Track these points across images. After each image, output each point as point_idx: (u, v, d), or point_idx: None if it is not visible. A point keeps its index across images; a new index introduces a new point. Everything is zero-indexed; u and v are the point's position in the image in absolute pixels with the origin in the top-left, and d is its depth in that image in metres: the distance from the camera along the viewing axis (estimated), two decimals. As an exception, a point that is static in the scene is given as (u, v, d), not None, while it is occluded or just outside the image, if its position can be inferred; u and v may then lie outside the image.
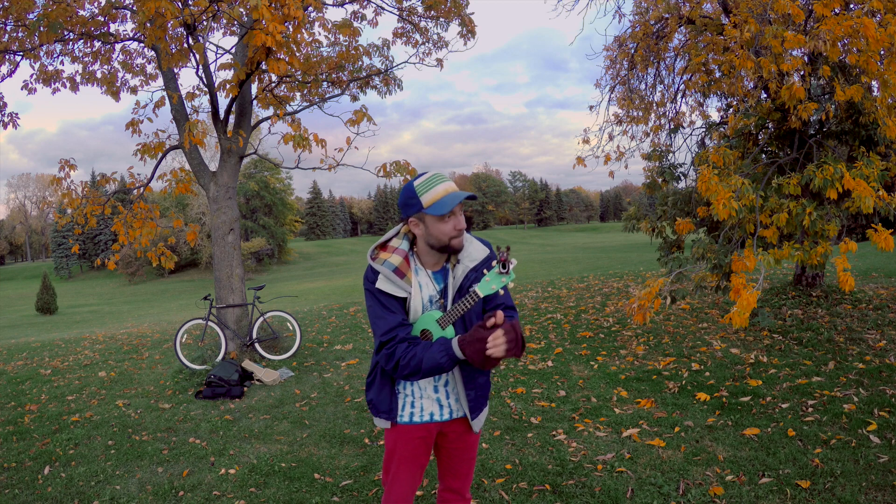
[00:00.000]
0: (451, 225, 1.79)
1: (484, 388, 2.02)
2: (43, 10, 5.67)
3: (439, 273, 1.92)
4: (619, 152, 7.61)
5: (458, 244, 1.82)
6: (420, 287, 1.88)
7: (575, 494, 3.01)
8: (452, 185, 1.80)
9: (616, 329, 6.78)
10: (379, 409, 1.97)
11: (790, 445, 3.36)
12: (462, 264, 1.88)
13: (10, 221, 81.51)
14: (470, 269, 1.87)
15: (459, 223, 1.80)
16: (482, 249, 1.91)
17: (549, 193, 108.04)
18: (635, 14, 7.98)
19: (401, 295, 1.84)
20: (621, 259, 19.92)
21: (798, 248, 4.87)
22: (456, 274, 1.88)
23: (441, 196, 1.76)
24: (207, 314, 6.61)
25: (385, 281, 1.84)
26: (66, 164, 6.90)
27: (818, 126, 6.08)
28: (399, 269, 1.84)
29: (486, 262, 1.88)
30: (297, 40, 5.28)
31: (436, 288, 1.90)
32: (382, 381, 1.96)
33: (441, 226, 1.79)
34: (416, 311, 1.86)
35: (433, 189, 1.77)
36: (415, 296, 1.85)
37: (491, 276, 1.75)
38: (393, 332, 1.80)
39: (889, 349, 5.06)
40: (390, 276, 1.82)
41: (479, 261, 1.88)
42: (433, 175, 1.80)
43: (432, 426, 1.99)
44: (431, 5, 7.63)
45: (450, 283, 1.89)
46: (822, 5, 4.40)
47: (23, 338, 11.99)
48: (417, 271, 1.89)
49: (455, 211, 1.80)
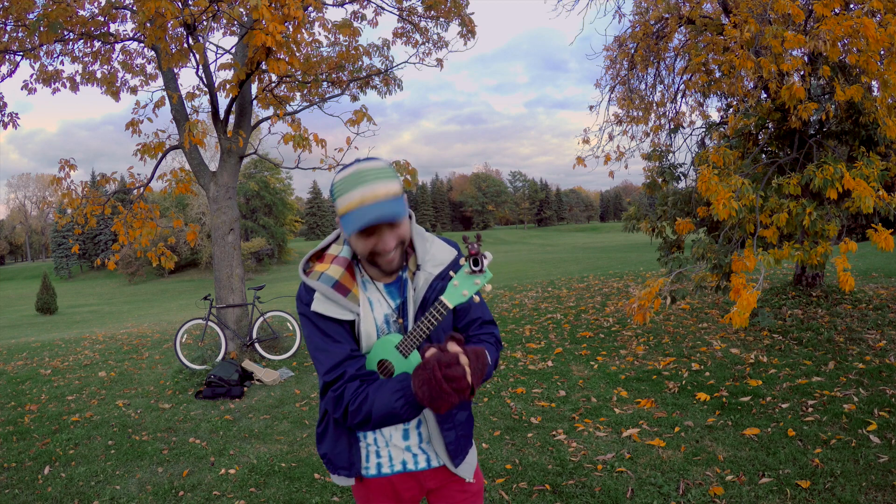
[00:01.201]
0: (369, 244, 1.35)
1: (466, 425, 1.56)
2: (43, 10, 5.67)
3: (394, 285, 1.47)
4: (619, 152, 7.61)
5: (385, 264, 1.38)
6: (371, 305, 1.45)
7: (575, 494, 3.01)
8: (372, 192, 1.29)
9: (616, 329, 6.78)
10: (336, 464, 1.53)
11: (790, 445, 3.36)
12: (423, 271, 1.45)
13: (10, 221, 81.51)
14: (434, 278, 1.44)
15: (383, 244, 1.34)
16: (448, 251, 1.49)
17: (549, 193, 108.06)
18: (635, 14, 7.98)
19: (346, 318, 1.41)
20: (621, 259, 19.92)
21: (798, 248, 4.87)
22: (417, 284, 1.44)
23: (353, 207, 1.30)
24: (207, 314, 6.61)
25: (323, 301, 1.40)
26: (66, 164, 6.90)
27: (818, 126, 6.08)
28: (341, 284, 1.41)
29: (454, 266, 1.47)
30: (297, 40, 5.28)
31: (391, 305, 1.46)
32: (337, 431, 1.52)
33: (357, 242, 1.35)
34: (369, 336, 1.44)
35: (347, 194, 1.31)
36: (364, 317, 1.43)
37: (460, 279, 1.32)
38: (339, 369, 1.38)
39: (889, 349, 5.06)
40: (329, 293, 1.39)
41: (445, 265, 1.46)
42: (354, 172, 1.32)
43: (409, 477, 1.54)
44: (431, 5, 7.63)
45: (409, 297, 1.45)
46: (822, 5, 4.40)
47: (23, 338, 11.99)
48: (365, 285, 1.46)
49: (374, 230, 1.33)
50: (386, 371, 1.43)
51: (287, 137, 5.99)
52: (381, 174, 1.32)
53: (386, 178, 1.33)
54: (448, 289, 1.34)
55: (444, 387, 1.19)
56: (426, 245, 1.49)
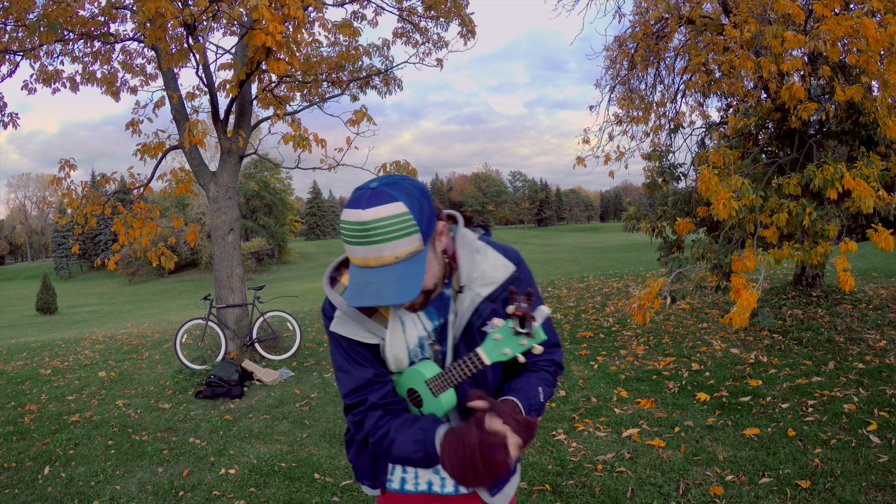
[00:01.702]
0: None
1: None
2: (43, 10, 5.67)
3: (434, 303, 1.25)
4: (619, 152, 7.61)
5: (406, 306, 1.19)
6: (403, 325, 1.25)
7: (575, 494, 3.01)
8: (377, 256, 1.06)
9: (616, 329, 6.78)
10: (360, 473, 1.44)
11: (790, 445, 3.36)
12: (469, 291, 1.21)
13: (10, 221, 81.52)
14: (483, 300, 1.22)
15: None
16: (502, 266, 1.24)
17: (549, 193, 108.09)
18: (635, 14, 7.98)
19: (369, 341, 1.24)
20: (621, 259, 19.92)
21: (798, 248, 4.87)
22: (460, 307, 1.22)
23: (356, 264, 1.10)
24: (207, 314, 6.61)
25: (344, 322, 1.22)
26: (66, 164, 6.90)
27: (818, 126, 6.08)
28: None
29: (508, 286, 1.23)
30: (297, 40, 5.28)
31: (428, 326, 1.25)
32: (361, 444, 1.39)
33: None
34: (399, 361, 1.26)
35: (350, 246, 1.08)
36: (394, 340, 1.24)
37: (503, 334, 1.10)
38: (360, 394, 1.24)
39: (889, 349, 5.06)
40: (351, 313, 1.21)
41: (497, 284, 1.22)
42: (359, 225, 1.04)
43: (433, 498, 1.38)
44: (431, 5, 7.63)
45: (450, 320, 1.24)
46: (822, 5, 4.40)
47: (23, 338, 11.99)
48: None
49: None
50: (416, 401, 1.27)
51: (287, 137, 5.99)
52: (395, 229, 1.03)
53: (399, 235, 1.04)
54: (487, 341, 1.13)
55: (479, 469, 1.05)
56: (474, 259, 1.22)
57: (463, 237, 1.24)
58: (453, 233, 1.27)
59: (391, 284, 1.05)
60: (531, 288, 1.18)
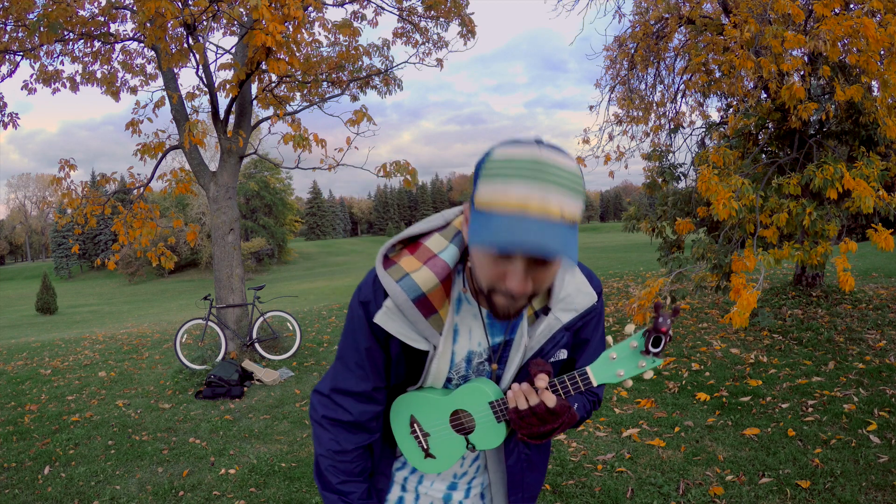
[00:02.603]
0: (496, 271, 0.91)
1: (534, 486, 1.25)
2: (43, 10, 5.67)
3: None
4: (619, 152, 7.61)
5: (502, 308, 0.94)
6: (456, 333, 1.07)
7: (575, 494, 3.01)
8: (545, 202, 0.82)
9: (616, 329, 6.78)
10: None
11: (790, 445, 3.36)
12: (551, 315, 1.05)
13: (10, 221, 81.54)
14: (561, 327, 1.06)
15: (517, 283, 0.89)
16: (588, 293, 1.07)
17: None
18: (635, 14, 7.98)
19: (417, 346, 1.03)
20: (621, 259, 19.92)
21: (798, 248, 4.87)
22: (536, 330, 1.05)
23: (506, 209, 0.83)
24: (207, 314, 6.61)
25: (393, 316, 1.01)
26: (66, 164, 6.90)
27: (818, 126, 6.08)
28: (427, 300, 1.00)
29: (589, 313, 1.09)
30: (297, 40, 5.28)
31: (487, 342, 1.07)
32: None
33: (481, 261, 0.92)
34: (437, 376, 1.09)
35: (507, 182, 0.84)
36: (443, 351, 1.06)
37: (621, 353, 0.97)
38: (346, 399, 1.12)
39: (889, 349, 5.06)
40: (407, 308, 0.99)
41: (579, 312, 1.07)
42: (533, 157, 0.83)
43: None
44: (431, 5, 7.63)
45: (518, 342, 1.06)
46: (822, 5, 4.40)
47: (23, 338, 11.99)
48: (460, 304, 1.06)
49: (513, 256, 0.88)
50: (460, 426, 1.09)
51: (287, 137, 5.99)
52: (570, 181, 0.84)
53: (573, 190, 0.85)
54: (601, 360, 0.99)
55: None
56: (564, 278, 1.05)
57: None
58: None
59: (556, 236, 0.81)
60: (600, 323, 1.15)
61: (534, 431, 1.02)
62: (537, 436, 1.03)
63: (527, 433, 1.02)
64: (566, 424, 1.03)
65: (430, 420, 1.12)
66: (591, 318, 1.11)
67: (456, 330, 1.07)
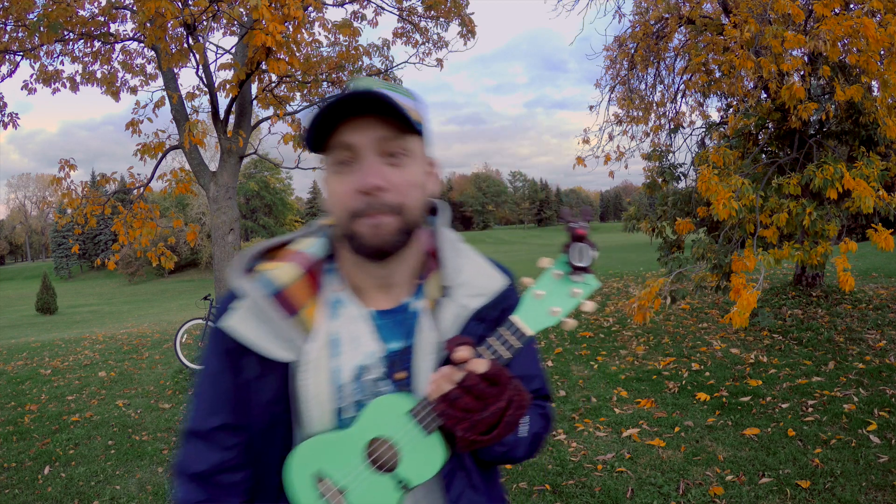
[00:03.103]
0: (348, 179, 0.79)
1: None
2: (43, 11, 5.67)
3: (395, 316, 0.88)
4: (619, 152, 7.62)
5: (368, 233, 0.79)
6: (336, 346, 0.85)
7: (575, 494, 3.01)
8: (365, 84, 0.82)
9: (616, 329, 6.78)
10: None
11: (790, 445, 3.36)
12: (454, 301, 0.86)
13: (10, 221, 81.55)
14: (472, 316, 0.86)
15: (368, 172, 0.78)
16: (493, 276, 0.90)
17: (549, 193, 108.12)
18: (635, 14, 7.99)
19: (276, 355, 0.82)
20: (621, 259, 19.92)
21: (798, 248, 4.87)
22: (442, 319, 0.86)
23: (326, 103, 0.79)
24: (207, 314, 6.62)
25: (246, 317, 0.82)
26: (66, 164, 6.90)
27: (818, 126, 6.09)
28: (285, 296, 0.83)
29: (506, 300, 0.89)
30: (297, 40, 5.28)
31: (381, 349, 0.86)
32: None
33: (331, 186, 0.83)
34: (319, 403, 0.83)
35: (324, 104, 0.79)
36: (316, 365, 0.82)
37: (547, 286, 0.79)
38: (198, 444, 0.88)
39: (889, 349, 5.06)
40: (263, 304, 0.82)
41: (490, 296, 0.88)
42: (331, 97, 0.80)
43: None
44: (431, 5, 7.63)
45: (421, 341, 0.85)
46: (822, 5, 4.40)
47: (23, 338, 11.99)
48: (337, 307, 0.87)
49: (356, 144, 0.79)
50: (382, 463, 0.81)
51: (287, 137, 5.99)
52: (389, 86, 0.83)
53: (397, 91, 0.83)
54: (525, 303, 0.79)
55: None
56: (459, 260, 0.89)
57: (447, 233, 0.93)
58: (432, 227, 0.95)
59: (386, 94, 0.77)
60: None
61: (476, 422, 0.76)
62: (485, 431, 0.78)
63: (468, 431, 0.76)
64: (517, 404, 0.78)
65: (340, 469, 0.81)
66: (509, 308, 0.85)
67: (336, 341, 0.85)
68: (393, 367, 0.86)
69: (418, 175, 0.84)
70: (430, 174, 0.90)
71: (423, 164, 0.86)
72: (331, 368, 0.84)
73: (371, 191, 0.78)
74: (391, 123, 0.80)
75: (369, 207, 0.79)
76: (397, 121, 0.79)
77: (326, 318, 0.86)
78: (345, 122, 0.81)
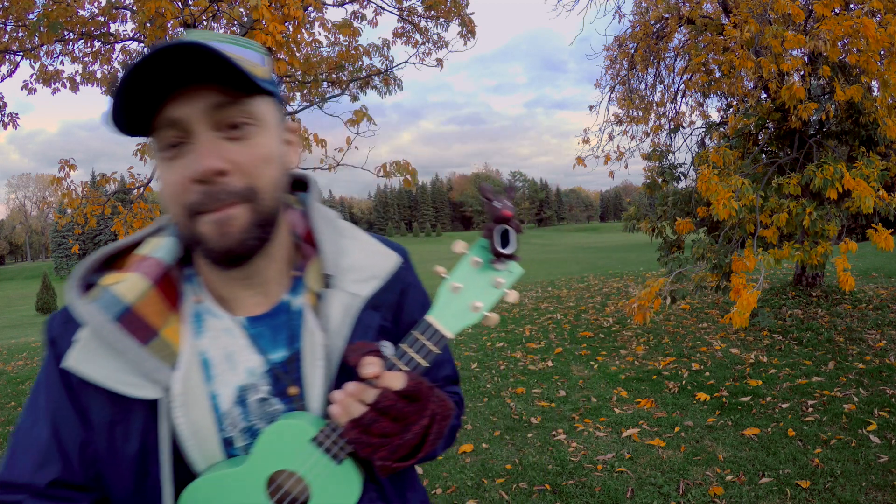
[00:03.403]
0: (178, 169, 0.64)
1: None
2: (43, 11, 5.68)
3: (272, 321, 0.74)
4: (619, 152, 7.62)
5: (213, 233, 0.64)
6: (207, 367, 0.71)
7: (575, 494, 3.01)
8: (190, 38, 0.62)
9: (616, 329, 6.78)
10: None
11: (790, 445, 3.36)
12: (340, 290, 0.73)
13: (10, 221, 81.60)
14: (364, 305, 0.74)
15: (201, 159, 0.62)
16: (383, 255, 0.78)
17: (549, 193, 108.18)
18: (635, 14, 7.99)
19: (137, 394, 0.66)
20: (621, 259, 19.93)
21: (798, 248, 4.87)
22: (327, 318, 0.72)
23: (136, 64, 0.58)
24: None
25: (92, 352, 0.66)
26: (66, 164, 6.90)
27: (818, 126, 6.09)
28: (135, 315, 0.66)
29: (400, 281, 0.79)
30: (297, 40, 5.29)
31: (261, 362, 0.72)
32: None
33: (163, 172, 0.66)
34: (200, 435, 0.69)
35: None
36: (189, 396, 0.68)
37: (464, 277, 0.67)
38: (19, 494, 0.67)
39: (889, 349, 5.06)
40: (111, 334, 0.65)
41: (381, 280, 0.76)
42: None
43: None
44: (431, 5, 7.64)
45: (309, 345, 0.72)
46: (822, 5, 4.41)
47: (23, 338, 12.00)
48: (201, 320, 0.72)
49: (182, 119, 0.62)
50: (289, 500, 0.69)
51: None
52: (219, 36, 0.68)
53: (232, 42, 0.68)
54: (441, 299, 0.67)
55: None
56: (342, 241, 0.76)
57: (321, 210, 0.80)
58: (303, 205, 0.82)
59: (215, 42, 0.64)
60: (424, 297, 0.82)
61: (396, 447, 0.65)
62: (406, 455, 0.68)
63: (388, 459, 0.65)
64: (441, 416, 0.68)
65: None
66: (407, 290, 0.78)
67: (206, 361, 0.70)
68: (279, 382, 0.72)
69: (272, 147, 0.67)
70: (289, 142, 0.74)
71: (277, 132, 0.69)
72: (208, 394, 0.69)
73: (208, 177, 0.62)
74: (225, 87, 0.62)
75: (210, 200, 0.62)
76: (233, 82, 0.62)
77: (190, 336, 0.70)
78: (171, 94, 0.61)
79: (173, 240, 0.73)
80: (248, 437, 0.71)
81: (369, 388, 0.64)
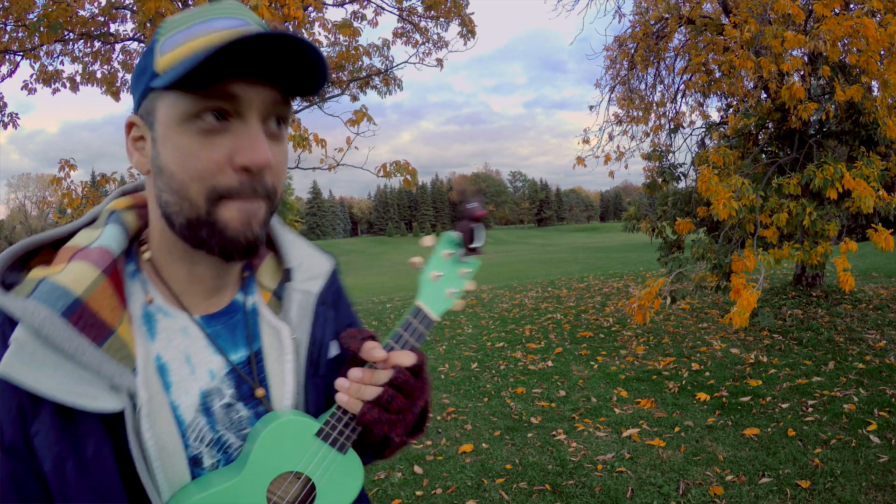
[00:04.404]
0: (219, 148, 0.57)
1: None
2: (43, 11, 5.68)
3: (227, 317, 0.69)
4: (619, 152, 7.63)
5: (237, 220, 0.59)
6: (164, 373, 0.62)
7: (575, 494, 3.01)
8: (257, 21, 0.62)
9: (616, 329, 6.78)
10: None
11: (790, 445, 3.36)
12: (296, 289, 0.74)
13: (10, 221, 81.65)
14: (317, 301, 0.75)
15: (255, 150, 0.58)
16: (319, 257, 0.79)
17: (549, 193, 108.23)
18: (635, 14, 7.99)
19: (96, 406, 0.54)
20: (621, 259, 19.93)
21: (798, 248, 4.87)
22: (290, 313, 0.72)
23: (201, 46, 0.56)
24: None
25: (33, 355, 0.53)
26: (66, 164, 6.90)
27: (818, 126, 6.09)
28: (87, 309, 0.56)
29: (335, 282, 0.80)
30: (297, 40, 5.29)
31: (222, 364, 0.66)
32: None
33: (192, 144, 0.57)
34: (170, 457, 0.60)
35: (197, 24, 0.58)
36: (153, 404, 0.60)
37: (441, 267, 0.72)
38: None
39: (889, 349, 5.06)
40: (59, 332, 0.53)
41: (324, 278, 0.77)
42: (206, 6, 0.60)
43: None
44: (431, 5, 7.64)
45: (269, 343, 0.70)
46: (822, 5, 4.41)
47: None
48: (152, 319, 0.64)
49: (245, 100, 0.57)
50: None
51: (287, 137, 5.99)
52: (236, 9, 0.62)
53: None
54: (424, 286, 0.71)
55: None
56: (291, 241, 0.78)
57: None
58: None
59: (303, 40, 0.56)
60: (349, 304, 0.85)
61: (409, 423, 0.69)
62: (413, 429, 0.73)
63: (403, 431, 0.68)
64: (430, 388, 0.74)
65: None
66: (340, 293, 0.81)
67: (162, 367, 0.62)
68: (243, 384, 0.67)
69: (288, 150, 0.67)
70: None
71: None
72: (169, 403, 0.61)
73: (260, 169, 0.59)
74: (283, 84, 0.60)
75: (246, 189, 0.59)
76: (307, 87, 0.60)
77: (143, 339, 0.62)
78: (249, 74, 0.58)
79: (119, 228, 0.65)
80: (216, 452, 0.64)
81: (377, 370, 0.66)
